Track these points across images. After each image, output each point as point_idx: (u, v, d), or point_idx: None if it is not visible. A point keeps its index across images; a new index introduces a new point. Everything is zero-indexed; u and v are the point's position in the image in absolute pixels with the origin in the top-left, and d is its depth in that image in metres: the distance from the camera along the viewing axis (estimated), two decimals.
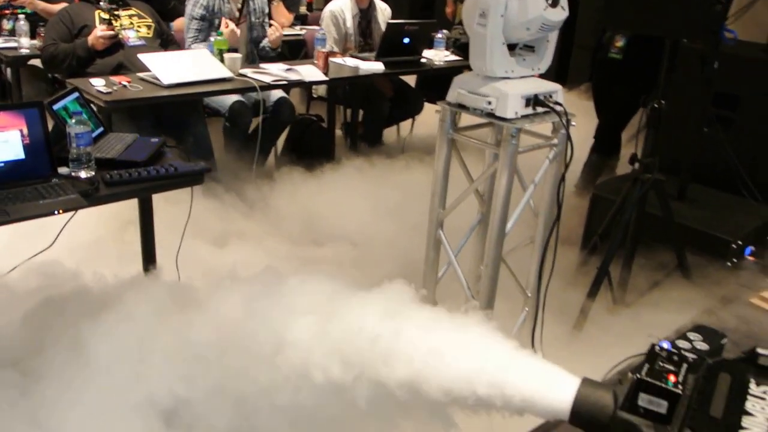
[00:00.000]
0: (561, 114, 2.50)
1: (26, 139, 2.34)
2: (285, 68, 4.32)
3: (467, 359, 1.79)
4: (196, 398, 2.04)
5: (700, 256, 3.47)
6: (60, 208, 2.22)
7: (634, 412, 1.64)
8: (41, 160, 2.38)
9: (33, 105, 2.40)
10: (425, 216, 2.77)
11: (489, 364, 1.80)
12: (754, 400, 1.63)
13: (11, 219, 2.14)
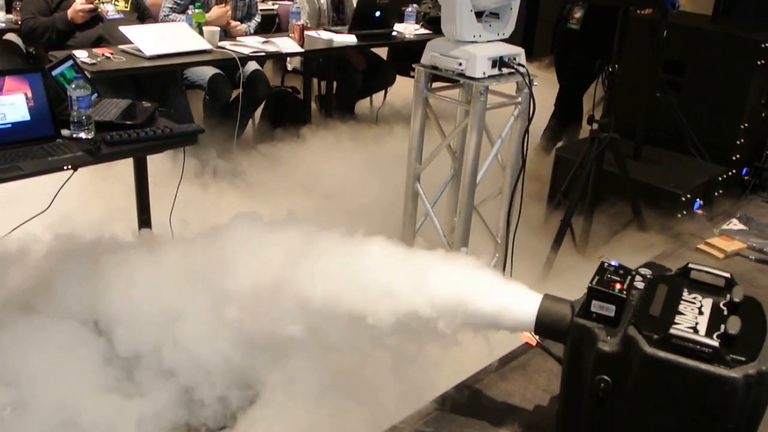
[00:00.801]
0: (524, 74, 2.77)
1: (31, 102, 2.55)
2: (262, 41, 4.52)
3: (452, 285, 2.07)
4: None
5: (653, 209, 3.78)
6: (68, 164, 2.44)
7: (588, 318, 1.93)
8: (45, 121, 2.59)
9: (36, 70, 2.61)
10: (400, 180, 3.03)
11: (469, 288, 2.08)
12: (686, 304, 1.92)
13: (25, 174, 2.36)
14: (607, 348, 1.87)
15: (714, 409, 1.75)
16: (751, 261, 3.63)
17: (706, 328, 1.83)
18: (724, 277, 2.09)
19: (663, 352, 1.77)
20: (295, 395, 2.18)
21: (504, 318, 2.08)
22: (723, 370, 1.73)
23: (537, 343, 2.60)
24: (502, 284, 2.15)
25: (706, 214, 4.04)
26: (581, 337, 1.94)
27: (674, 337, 1.78)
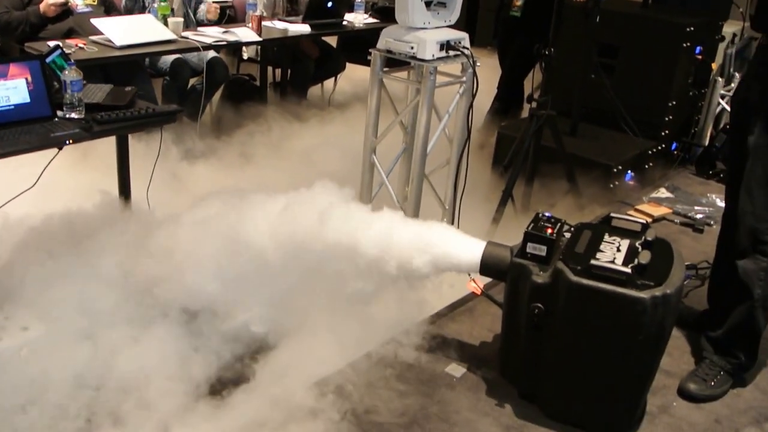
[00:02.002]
0: (468, 56, 3.10)
1: (31, 86, 2.81)
2: (222, 31, 4.78)
3: (409, 237, 2.42)
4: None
5: (589, 180, 4.15)
6: (70, 139, 2.71)
7: (524, 258, 2.29)
8: (43, 103, 2.85)
9: (35, 57, 2.87)
10: (354, 156, 3.33)
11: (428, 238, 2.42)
12: (606, 245, 2.28)
13: (32, 147, 2.63)
14: (539, 280, 2.23)
15: (628, 324, 2.12)
16: (676, 224, 4.04)
17: (623, 260, 2.19)
18: (641, 223, 2.46)
19: (585, 280, 2.13)
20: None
21: (455, 261, 2.43)
22: (634, 292, 2.10)
23: (482, 291, 2.96)
24: (454, 235, 2.49)
25: (637, 184, 4.44)
26: (519, 274, 2.29)
27: (594, 267, 2.15)
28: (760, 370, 2.72)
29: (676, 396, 2.57)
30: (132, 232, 2.81)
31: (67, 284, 2.56)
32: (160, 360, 2.39)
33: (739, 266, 2.53)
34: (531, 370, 2.37)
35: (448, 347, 2.68)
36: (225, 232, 2.56)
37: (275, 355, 2.54)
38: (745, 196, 2.49)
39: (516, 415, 2.39)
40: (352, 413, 2.30)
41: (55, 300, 2.52)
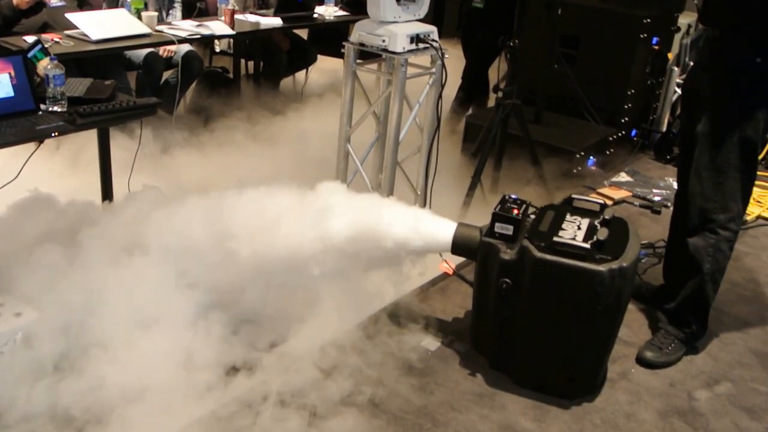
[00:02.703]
0: (437, 48, 3.27)
1: (14, 80, 2.90)
2: (196, 24, 4.88)
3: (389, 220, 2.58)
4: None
5: (553, 166, 4.34)
6: (55, 131, 2.82)
7: (492, 237, 2.46)
8: (27, 97, 2.94)
9: (17, 53, 2.97)
10: (327, 145, 3.47)
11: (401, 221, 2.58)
12: (568, 223, 2.46)
13: (18, 140, 2.73)
14: (507, 257, 2.41)
15: (588, 295, 2.31)
16: (636, 207, 4.25)
17: (583, 237, 2.38)
18: (599, 203, 2.65)
19: (549, 256, 2.32)
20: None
21: (428, 242, 2.60)
22: (593, 265, 2.28)
23: (453, 271, 3.14)
24: (427, 217, 2.66)
25: (599, 169, 4.64)
26: (488, 252, 2.47)
27: (557, 244, 2.33)
28: (710, 339, 2.94)
29: (634, 363, 2.77)
30: (114, 221, 2.92)
31: (56, 271, 2.68)
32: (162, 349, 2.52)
33: (690, 243, 2.72)
34: (500, 341, 2.55)
35: (423, 323, 2.85)
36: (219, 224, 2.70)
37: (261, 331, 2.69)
38: (695, 178, 2.69)
39: (487, 384, 2.57)
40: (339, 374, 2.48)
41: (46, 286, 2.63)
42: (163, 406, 2.33)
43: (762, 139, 2.66)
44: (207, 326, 2.59)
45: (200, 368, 2.47)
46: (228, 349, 2.57)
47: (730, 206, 2.66)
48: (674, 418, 2.51)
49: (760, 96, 2.59)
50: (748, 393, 2.68)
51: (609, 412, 2.50)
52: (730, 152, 2.61)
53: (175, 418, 2.29)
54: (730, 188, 2.64)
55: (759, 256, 3.74)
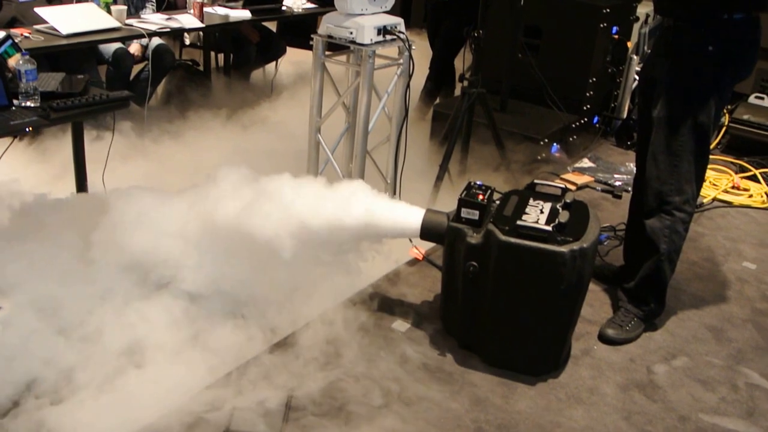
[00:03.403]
0: (404, 40, 3.36)
1: None
2: (165, 17, 4.92)
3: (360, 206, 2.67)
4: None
5: (518, 153, 4.46)
6: (30, 125, 2.87)
7: (459, 222, 2.57)
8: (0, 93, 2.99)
9: None
10: (298, 135, 3.54)
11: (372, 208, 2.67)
12: (531, 208, 2.58)
13: None
14: (473, 241, 2.51)
15: (550, 275, 2.42)
16: (598, 191, 4.39)
17: (545, 220, 2.49)
18: (561, 188, 2.77)
19: (513, 239, 2.43)
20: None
21: (398, 228, 2.70)
22: (555, 247, 2.40)
23: (423, 256, 3.25)
24: (396, 204, 2.76)
25: (563, 155, 4.77)
26: (455, 236, 2.58)
27: (521, 227, 2.44)
28: (668, 316, 3.08)
29: (596, 341, 2.90)
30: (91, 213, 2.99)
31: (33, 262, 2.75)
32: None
33: (647, 225, 2.86)
34: (469, 322, 2.67)
35: (394, 307, 2.96)
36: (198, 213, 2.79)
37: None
38: (651, 162, 2.82)
39: (457, 363, 2.68)
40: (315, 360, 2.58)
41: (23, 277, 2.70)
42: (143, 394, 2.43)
43: (714, 124, 2.79)
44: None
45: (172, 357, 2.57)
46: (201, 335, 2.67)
47: (684, 189, 2.79)
48: (634, 391, 2.64)
49: (712, 83, 2.71)
50: (703, 366, 2.82)
51: (573, 387, 2.63)
52: (684, 137, 2.73)
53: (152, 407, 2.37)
54: (685, 171, 2.77)
55: (715, 237, 3.90)
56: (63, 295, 2.63)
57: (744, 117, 5.21)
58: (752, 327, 3.11)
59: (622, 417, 2.50)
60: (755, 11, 2.65)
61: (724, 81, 2.74)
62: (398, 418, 2.37)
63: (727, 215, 4.22)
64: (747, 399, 2.66)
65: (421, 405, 2.44)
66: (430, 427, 2.34)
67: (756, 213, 4.30)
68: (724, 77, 2.72)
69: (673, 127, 2.74)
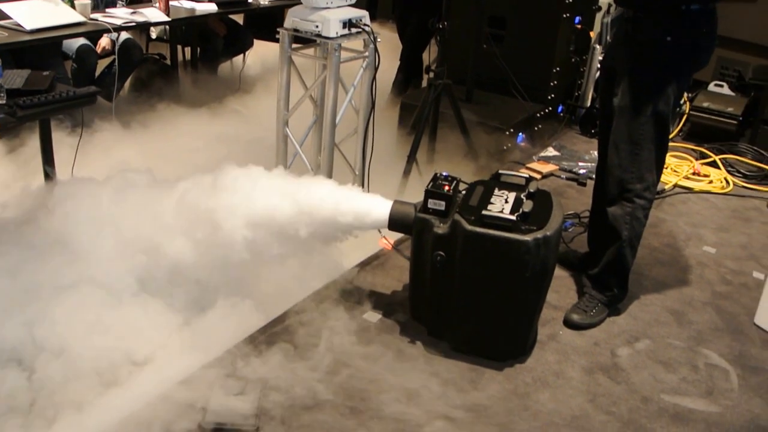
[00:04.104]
0: (369, 33, 3.40)
1: None
2: (130, 11, 4.90)
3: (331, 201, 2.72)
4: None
5: (484, 143, 4.52)
6: None
7: (426, 213, 2.62)
8: None
9: None
10: (267, 128, 3.57)
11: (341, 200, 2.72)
12: (496, 198, 2.63)
13: None
14: (440, 231, 2.57)
15: (516, 263, 2.49)
16: (563, 180, 4.47)
17: (510, 210, 2.55)
18: (525, 177, 2.83)
19: (479, 228, 2.49)
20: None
21: (367, 220, 2.75)
22: (519, 235, 2.46)
23: (392, 247, 3.30)
24: (364, 196, 2.80)
25: (528, 144, 4.85)
26: (422, 227, 2.63)
27: (486, 217, 2.50)
28: (631, 300, 3.16)
29: (562, 326, 2.98)
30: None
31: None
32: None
33: (609, 212, 2.93)
34: (437, 310, 2.73)
35: (364, 297, 3.01)
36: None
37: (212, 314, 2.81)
38: (613, 150, 2.89)
39: (426, 351, 2.74)
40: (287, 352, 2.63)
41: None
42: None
43: (673, 113, 2.87)
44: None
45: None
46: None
47: (645, 176, 2.86)
48: (598, 374, 2.72)
49: (670, 72, 2.78)
50: (664, 348, 2.91)
51: (539, 371, 2.70)
52: (644, 125, 2.80)
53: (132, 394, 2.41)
54: (645, 159, 2.84)
55: (676, 222, 4.00)
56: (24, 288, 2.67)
57: (704, 104, 5.32)
58: (712, 309, 3.21)
59: (588, 399, 2.58)
60: (712, 2, 2.72)
61: (683, 70, 2.82)
62: (371, 405, 2.42)
63: (688, 201, 4.33)
64: (706, 379, 2.75)
65: (392, 392, 2.49)
66: (399, 413, 2.40)
67: (716, 198, 4.41)
68: (683, 67, 2.80)
69: (634, 116, 2.80)
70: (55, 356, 2.48)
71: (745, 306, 3.24)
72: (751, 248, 3.80)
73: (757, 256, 3.71)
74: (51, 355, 2.48)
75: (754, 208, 4.31)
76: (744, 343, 2.99)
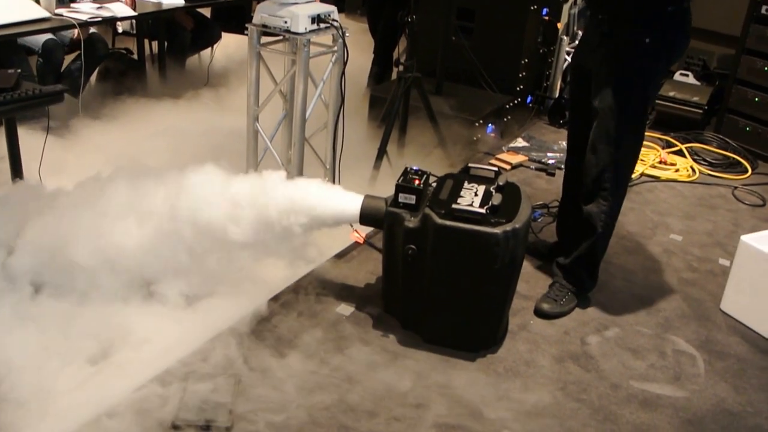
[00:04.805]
0: (338, 28, 3.41)
1: None
2: (96, 6, 4.86)
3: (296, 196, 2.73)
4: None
5: (454, 135, 4.55)
6: None
7: (396, 207, 2.65)
8: None
9: None
10: (239, 123, 3.56)
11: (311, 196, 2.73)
12: (465, 191, 2.66)
13: None
14: (411, 225, 2.60)
15: (485, 256, 2.52)
16: (532, 170, 4.52)
17: (479, 203, 2.58)
18: (494, 171, 2.87)
19: (449, 221, 2.52)
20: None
21: (338, 215, 2.77)
22: (489, 228, 2.49)
23: (363, 240, 3.32)
24: (335, 191, 2.82)
25: (498, 135, 4.88)
26: (393, 221, 2.66)
27: (456, 210, 2.53)
28: (600, 289, 3.21)
29: (532, 315, 3.02)
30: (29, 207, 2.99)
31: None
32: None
33: (585, 210, 2.96)
34: (409, 303, 2.76)
35: (337, 291, 3.03)
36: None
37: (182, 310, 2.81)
38: (591, 152, 2.88)
39: (399, 343, 2.77)
40: (261, 346, 2.63)
41: None
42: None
43: (650, 111, 2.89)
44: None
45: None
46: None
47: (621, 175, 2.90)
48: (569, 362, 2.77)
49: (649, 74, 2.79)
50: (633, 335, 2.97)
51: (511, 360, 2.74)
52: (622, 126, 2.80)
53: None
54: (622, 158, 2.87)
55: (643, 211, 4.07)
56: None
57: (670, 94, 5.40)
58: (679, 297, 3.27)
59: (558, 387, 2.62)
60: (687, 2, 2.73)
61: (659, 70, 2.83)
62: (344, 399, 2.44)
63: (654, 190, 4.40)
64: (674, 365, 2.81)
65: (366, 385, 2.52)
66: (374, 405, 2.43)
67: (682, 187, 4.48)
68: (659, 67, 2.82)
69: (614, 117, 2.79)
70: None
71: (711, 293, 3.31)
72: (717, 235, 3.87)
73: (723, 243, 3.78)
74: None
75: (719, 195, 4.39)
76: (710, 329, 3.06)
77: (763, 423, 2.55)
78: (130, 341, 2.62)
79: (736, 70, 5.06)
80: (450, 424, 2.38)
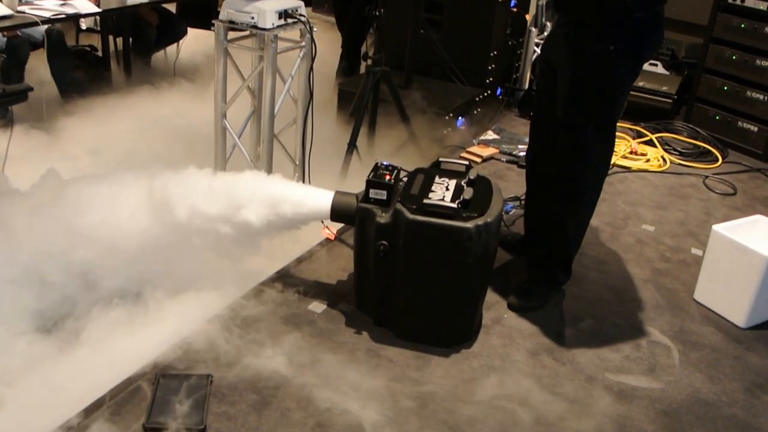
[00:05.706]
0: (305, 23, 3.37)
1: None
2: (60, 3, 4.77)
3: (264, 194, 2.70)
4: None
5: (424, 129, 4.53)
6: None
7: (368, 202, 2.61)
8: None
9: None
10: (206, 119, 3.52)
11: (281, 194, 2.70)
12: (436, 185, 2.64)
13: None
14: (383, 221, 2.57)
15: (458, 250, 2.50)
16: (503, 162, 4.50)
17: (450, 197, 2.56)
18: (465, 164, 2.85)
19: (420, 217, 2.49)
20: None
21: (308, 212, 2.74)
22: (461, 223, 2.47)
23: (335, 236, 3.28)
24: (304, 188, 2.79)
25: (468, 128, 4.87)
26: (365, 217, 2.63)
27: (427, 205, 2.50)
28: (573, 281, 3.20)
29: (506, 309, 3.00)
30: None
31: None
32: None
33: (557, 213, 2.93)
34: (382, 299, 2.73)
35: (309, 288, 2.99)
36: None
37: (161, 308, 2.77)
38: (561, 160, 2.84)
39: (373, 340, 2.74)
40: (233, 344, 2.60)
41: None
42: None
43: (618, 114, 2.83)
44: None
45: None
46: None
47: (593, 177, 2.88)
48: (543, 355, 2.76)
49: (613, 80, 2.70)
50: (607, 327, 2.96)
51: (485, 355, 2.72)
52: (591, 130, 2.75)
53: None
54: (593, 161, 2.84)
55: (614, 202, 4.07)
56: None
57: (639, 84, 5.40)
58: (652, 287, 3.27)
59: (534, 381, 2.61)
60: (658, 6, 2.64)
61: (628, 77, 2.76)
62: (319, 396, 2.41)
63: (626, 180, 4.40)
64: (649, 356, 2.81)
65: (340, 383, 2.49)
66: (350, 403, 2.40)
67: (653, 177, 4.49)
68: (628, 73, 2.74)
69: (580, 126, 2.75)
70: None
71: (684, 282, 3.32)
72: (689, 225, 3.88)
73: (695, 233, 3.79)
74: None
75: (690, 185, 4.40)
76: (684, 319, 3.06)
77: (738, 412, 2.56)
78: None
79: (704, 60, 5.08)
80: (425, 421, 2.36)
